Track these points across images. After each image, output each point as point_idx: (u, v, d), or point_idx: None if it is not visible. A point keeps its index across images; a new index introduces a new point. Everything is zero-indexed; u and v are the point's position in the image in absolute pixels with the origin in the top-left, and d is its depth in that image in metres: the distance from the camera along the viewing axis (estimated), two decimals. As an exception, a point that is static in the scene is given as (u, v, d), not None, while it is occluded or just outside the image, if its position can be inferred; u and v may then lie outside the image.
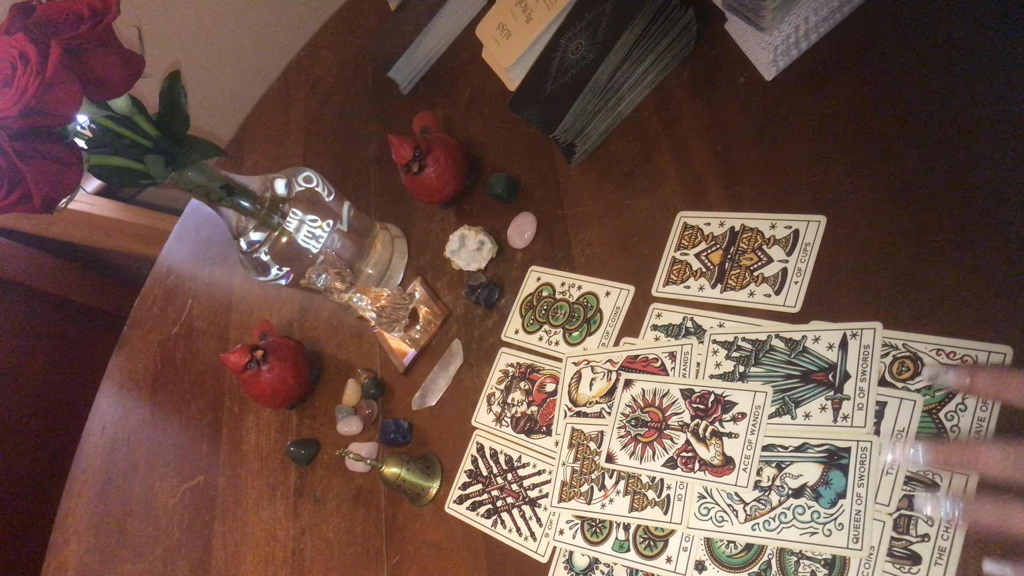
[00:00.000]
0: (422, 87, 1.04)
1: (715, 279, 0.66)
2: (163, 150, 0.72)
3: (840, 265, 0.60)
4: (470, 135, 0.93)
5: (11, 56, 0.61)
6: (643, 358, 0.67)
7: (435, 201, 0.88)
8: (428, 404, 0.81)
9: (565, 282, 0.76)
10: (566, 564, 0.65)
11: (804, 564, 0.54)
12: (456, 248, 0.83)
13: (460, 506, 0.74)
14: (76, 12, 0.64)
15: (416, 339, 0.84)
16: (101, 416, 1.21)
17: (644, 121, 0.77)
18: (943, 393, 0.53)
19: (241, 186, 0.78)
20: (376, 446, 0.83)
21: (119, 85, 0.67)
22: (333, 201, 0.83)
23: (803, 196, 0.64)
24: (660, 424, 0.63)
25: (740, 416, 0.60)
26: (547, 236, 0.80)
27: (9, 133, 0.61)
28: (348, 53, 1.19)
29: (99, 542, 1.08)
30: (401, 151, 0.83)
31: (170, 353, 1.17)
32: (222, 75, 1.66)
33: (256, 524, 0.90)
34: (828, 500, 0.54)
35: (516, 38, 0.87)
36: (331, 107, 1.16)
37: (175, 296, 1.23)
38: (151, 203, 1.82)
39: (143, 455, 1.10)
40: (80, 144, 0.68)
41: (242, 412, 1.00)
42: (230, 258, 1.17)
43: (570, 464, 0.68)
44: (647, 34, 0.73)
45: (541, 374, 0.74)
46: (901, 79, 0.62)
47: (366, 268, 0.88)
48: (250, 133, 1.28)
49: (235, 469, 0.96)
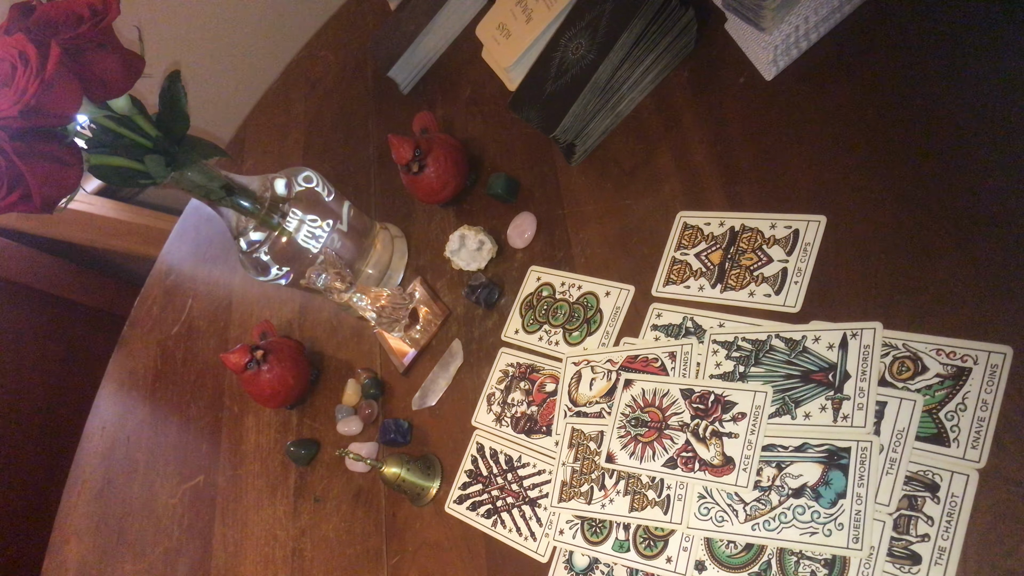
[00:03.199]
0: (422, 87, 1.04)
1: (715, 279, 0.66)
2: (163, 150, 0.72)
3: (840, 265, 0.60)
4: (470, 135, 0.93)
5: (11, 56, 0.60)
6: (643, 358, 0.67)
7: (435, 201, 0.88)
8: (428, 404, 0.81)
9: (565, 282, 0.76)
10: (566, 564, 0.65)
11: (804, 564, 0.54)
12: (456, 248, 0.83)
13: (460, 506, 0.74)
14: (76, 12, 0.64)
15: (416, 339, 0.84)
16: (101, 416, 1.21)
17: (644, 121, 0.77)
18: (944, 392, 0.53)
19: (241, 186, 0.79)
20: (376, 446, 0.83)
21: (119, 85, 0.67)
22: (333, 201, 0.83)
23: (803, 196, 0.64)
24: (660, 424, 0.63)
25: (740, 416, 0.60)
26: (547, 236, 0.80)
27: (9, 133, 0.61)
28: (348, 53, 1.19)
29: (99, 542, 1.08)
30: (401, 151, 0.83)
31: (170, 353, 1.17)
32: (222, 75, 1.66)
33: (256, 524, 0.90)
34: (828, 500, 0.54)
35: (516, 38, 0.87)
36: (331, 107, 1.16)
37: (175, 296, 1.23)
38: (151, 203, 1.82)
39: (143, 455, 1.10)
40: (80, 144, 0.68)
41: (242, 412, 1.00)
42: (230, 258, 1.17)
43: (570, 464, 0.68)
44: (647, 34, 0.73)
45: (541, 374, 0.74)
46: (901, 79, 0.62)
47: (366, 268, 0.88)
48: (250, 133, 1.28)
49: (235, 469, 0.96)
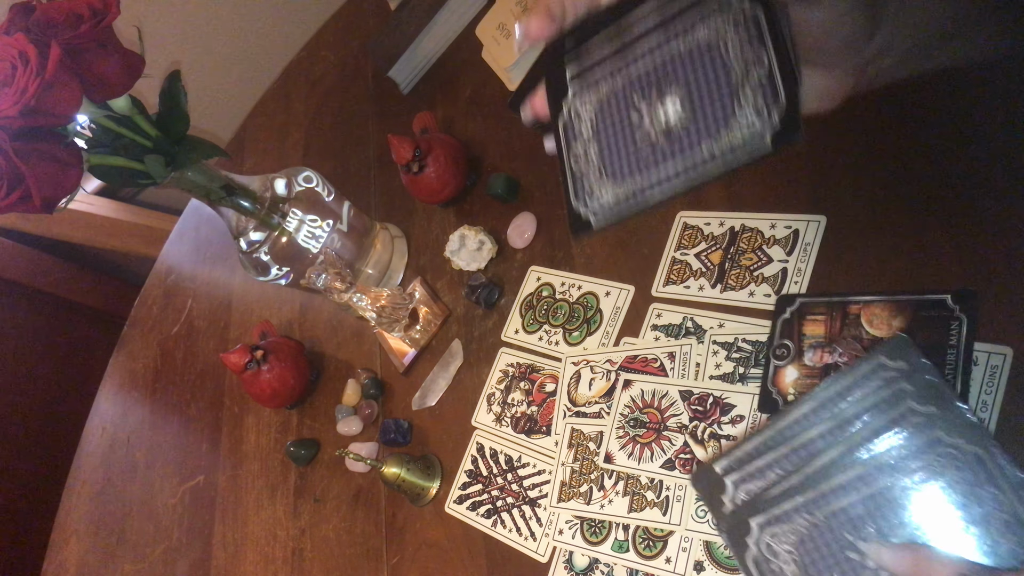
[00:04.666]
0: (422, 87, 1.04)
1: (715, 279, 0.66)
2: (163, 150, 0.72)
3: (840, 265, 0.60)
4: (470, 135, 0.93)
5: (11, 56, 0.61)
6: (642, 358, 0.67)
7: (435, 201, 0.88)
8: (428, 404, 0.81)
9: (565, 282, 0.76)
10: (566, 564, 0.65)
11: (804, 564, 0.54)
12: (456, 248, 0.83)
13: (460, 506, 0.74)
14: (76, 12, 0.64)
15: (416, 339, 0.84)
16: (101, 416, 1.21)
17: (644, 121, 0.77)
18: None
19: (241, 186, 0.79)
20: (376, 446, 0.83)
21: (119, 85, 0.67)
22: (333, 201, 0.83)
23: (803, 196, 0.64)
24: (658, 425, 0.63)
25: (738, 419, 0.60)
26: (547, 236, 0.80)
27: (9, 133, 0.61)
28: (348, 53, 1.19)
29: (99, 542, 1.08)
30: (401, 151, 0.83)
31: (170, 353, 1.17)
32: (222, 75, 1.66)
33: (256, 524, 0.90)
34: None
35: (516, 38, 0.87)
36: (331, 107, 1.16)
37: (175, 296, 1.23)
38: (151, 203, 1.82)
39: (143, 455, 1.10)
40: (80, 144, 0.68)
41: (242, 412, 1.00)
42: (230, 258, 1.17)
43: (569, 464, 0.68)
44: (647, 34, 0.72)
45: (541, 374, 0.74)
46: (900, 78, 0.62)
47: (366, 268, 0.88)
48: (250, 133, 1.28)
49: (235, 469, 0.96)
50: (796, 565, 0.47)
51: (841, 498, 0.46)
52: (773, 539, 0.47)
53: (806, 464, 0.47)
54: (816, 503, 0.47)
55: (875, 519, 0.45)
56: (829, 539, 0.46)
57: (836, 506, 0.46)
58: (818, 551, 0.46)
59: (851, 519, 0.46)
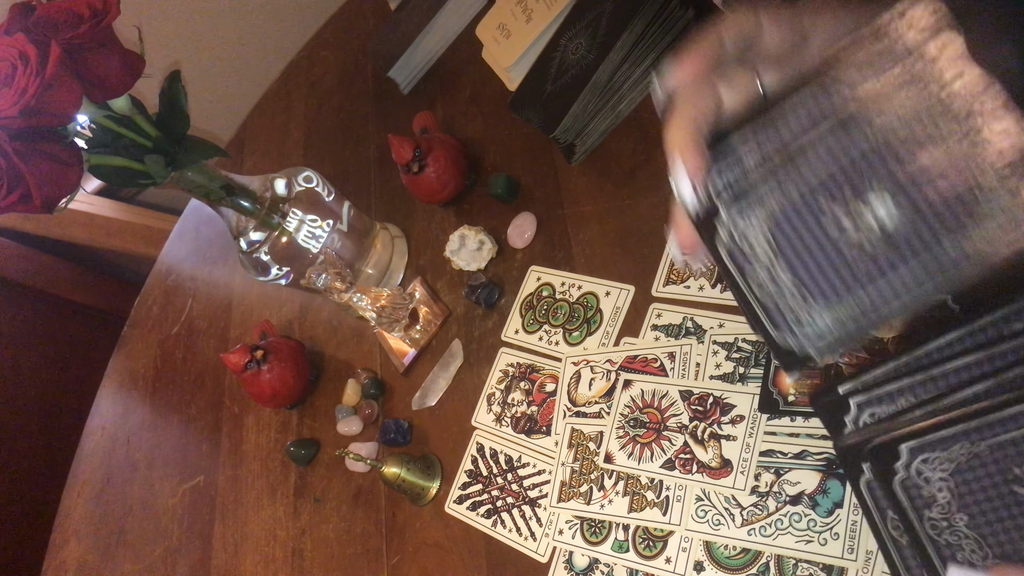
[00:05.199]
0: (422, 87, 1.04)
1: (715, 279, 0.66)
2: (163, 150, 0.72)
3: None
4: (470, 135, 0.93)
5: (11, 56, 0.61)
6: (642, 358, 0.67)
7: (435, 201, 0.88)
8: (428, 404, 0.81)
9: (565, 282, 0.76)
10: (566, 564, 0.65)
11: (803, 567, 0.54)
12: (456, 248, 0.83)
13: (460, 506, 0.74)
14: (76, 12, 0.64)
15: (416, 339, 0.84)
16: (101, 416, 1.21)
17: (644, 121, 0.77)
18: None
19: (241, 186, 0.79)
20: (376, 446, 0.83)
21: (119, 85, 0.67)
22: (333, 201, 0.83)
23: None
24: (658, 425, 0.63)
25: (738, 419, 0.60)
26: (547, 236, 0.80)
27: (9, 133, 0.61)
28: (348, 53, 1.19)
29: (99, 542, 1.08)
30: (401, 151, 0.83)
31: (170, 353, 1.17)
32: (222, 75, 1.66)
33: (256, 524, 0.90)
34: (825, 509, 0.54)
35: (516, 38, 0.87)
36: (331, 107, 1.16)
37: (175, 296, 1.23)
38: (151, 203, 1.82)
39: (143, 455, 1.10)
40: (80, 144, 0.68)
41: (242, 412, 1.00)
42: (230, 258, 1.17)
43: (569, 464, 0.68)
44: (647, 34, 0.73)
45: (541, 374, 0.74)
46: None
47: (366, 268, 0.88)
48: (250, 133, 1.28)
49: (235, 469, 0.96)
50: (951, 493, 0.44)
51: (1012, 429, 0.42)
52: (925, 464, 0.45)
53: (955, 391, 0.44)
54: (980, 432, 0.43)
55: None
56: (993, 470, 0.43)
57: (1005, 437, 0.42)
58: (978, 481, 0.44)
59: (1021, 452, 0.42)
